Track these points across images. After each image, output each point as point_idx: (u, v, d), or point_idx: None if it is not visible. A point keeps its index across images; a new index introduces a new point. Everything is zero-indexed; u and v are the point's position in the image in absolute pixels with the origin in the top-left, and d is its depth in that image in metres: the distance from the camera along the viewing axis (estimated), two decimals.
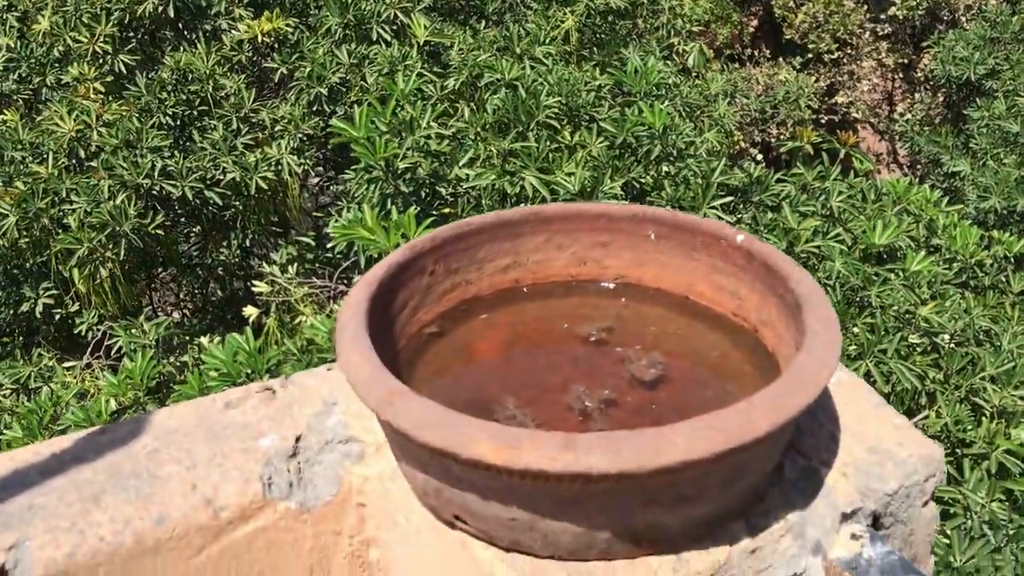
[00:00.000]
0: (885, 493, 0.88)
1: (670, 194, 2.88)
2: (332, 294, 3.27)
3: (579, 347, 0.97)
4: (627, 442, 0.73)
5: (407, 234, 2.44)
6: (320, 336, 2.45)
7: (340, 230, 2.51)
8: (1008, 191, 3.34)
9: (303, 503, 0.93)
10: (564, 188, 2.76)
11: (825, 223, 2.99)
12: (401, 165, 2.80)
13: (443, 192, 2.92)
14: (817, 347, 0.81)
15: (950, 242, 3.09)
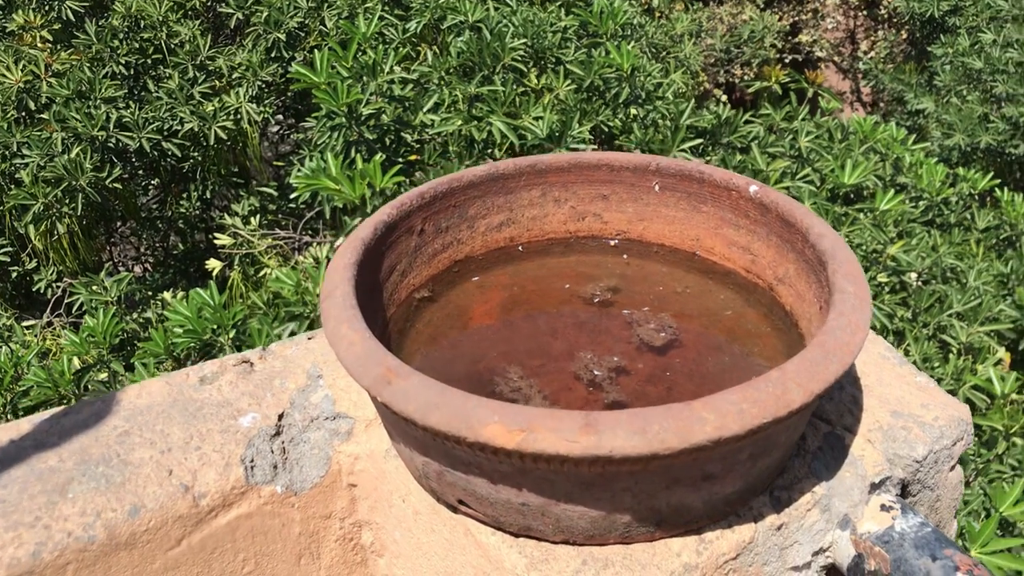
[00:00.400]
0: (914, 460, 0.81)
1: (639, 137, 2.78)
2: (296, 245, 3.16)
3: (583, 310, 0.89)
4: (653, 420, 0.64)
5: (373, 183, 2.34)
6: (286, 289, 2.35)
7: (303, 180, 2.40)
8: (972, 128, 3.28)
9: (289, 486, 0.84)
10: (532, 133, 2.66)
11: (794, 164, 2.92)
12: (364, 111, 2.68)
13: (408, 138, 2.81)
14: (848, 308, 0.73)
15: (916, 180, 3.04)
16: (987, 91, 3.35)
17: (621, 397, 0.79)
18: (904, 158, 3.09)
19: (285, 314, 2.39)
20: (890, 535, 0.76)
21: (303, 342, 0.96)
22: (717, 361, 0.83)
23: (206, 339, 2.26)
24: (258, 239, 3.05)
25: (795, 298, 0.84)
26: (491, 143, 2.78)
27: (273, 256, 3.08)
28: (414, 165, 2.77)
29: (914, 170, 3.08)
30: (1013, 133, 3.24)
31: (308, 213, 3.16)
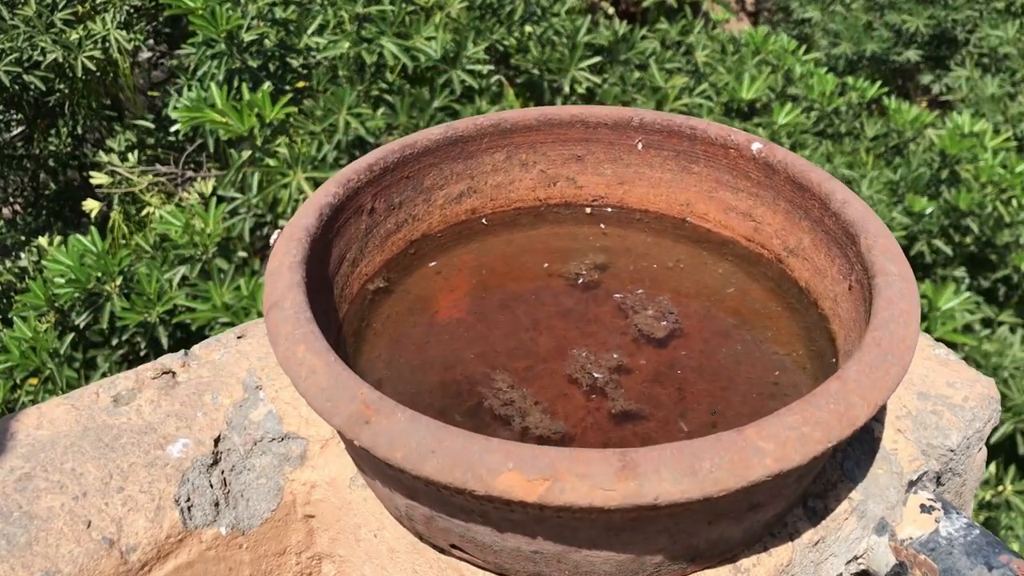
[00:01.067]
0: (949, 449, 0.70)
1: (536, 56, 2.61)
2: (179, 181, 2.90)
3: (566, 294, 0.74)
4: (703, 456, 0.51)
5: (262, 114, 2.13)
6: (174, 230, 2.13)
7: (185, 112, 2.16)
8: (857, 36, 3.22)
9: (235, 525, 0.68)
10: (425, 54, 2.47)
11: (691, 79, 2.81)
12: (246, 37, 2.43)
13: (294, 64, 2.58)
14: (896, 294, 0.61)
15: (808, 91, 2.96)
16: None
17: (630, 405, 0.65)
18: (795, 69, 3.00)
19: (175, 257, 2.18)
20: (936, 541, 0.66)
21: (232, 343, 0.79)
22: (728, 351, 0.70)
23: (91, 288, 2.04)
24: (138, 176, 2.78)
25: (812, 273, 0.71)
26: (383, 65, 2.57)
27: (156, 194, 2.82)
28: (303, 92, 2.55)
29: (805, 80, 3.00)
30: (896, 40, 3.18)
31: (190, 147, 2.89)
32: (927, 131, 2.85)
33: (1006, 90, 3.04)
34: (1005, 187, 2.60)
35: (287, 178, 2.12)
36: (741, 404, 0.66)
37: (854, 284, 0.66)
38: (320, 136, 2.29)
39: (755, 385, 0.67)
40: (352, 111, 2.29)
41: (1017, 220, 2.66)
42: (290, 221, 0.67)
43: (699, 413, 0.65)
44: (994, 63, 3.12)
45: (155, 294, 2.02)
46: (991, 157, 2.62)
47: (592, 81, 2.67)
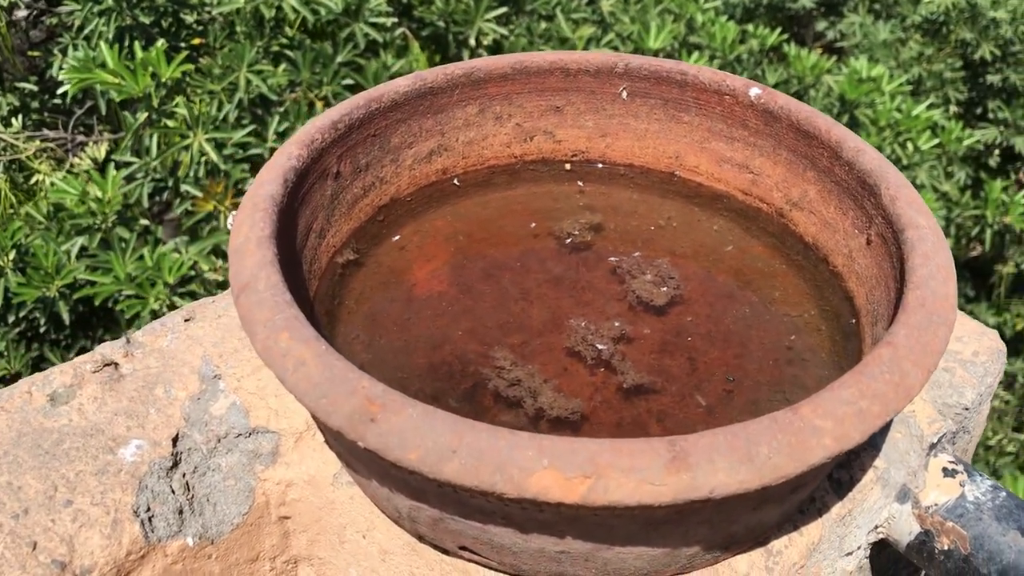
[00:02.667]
0: (964, 407, 0.66)
1: (440, 8, 2.50)
2: (70, 146, 2.70)
3: (553, 260, 0.67)
4: (759, 440, 0.45)
5: (157, 72, 1.98)
6: (69, 199, 1.97)
7: (73, 73, 1.99)
8: None
9: (203, 534, 0.59)
10: (326, 7, 2.33)
11: (598, 29, 2.74)
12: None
13: (189, 20, 2.41)
14: (931, 248, 0.55)
15: (710, 39, 2.93)
16: None
17: (641, 378, 0.59)
18: (697, 17, 2.96)
19: (71, 228, 2.02)
20: (963, 506, 0.61)
21: (180, 327, 0.68)
22: (736, 314, 0.63)
23: None
24: (23, 142, 2.58)
25: (820, 227, 0.65)
26: (282, 20, 2.43)
27: (44, 160, 2.62)
28: (199, 50, 2.39)
29: (707, 28, 2.96)
30: None
31: (79, 110, 2.69)
32: (826, 77, 2.85)
33: (897, 35, 3.06)
34: (901, 130, 2.62)
35: (187, 140, 1.98)
36: (758, 372, 0.60)
37: (874, 238, 0.60)
38: (220, 95, 2.14)
39: (770, 351, 0.61)
40: (252, 68, 2.15)
41: (913, 162, 2.68)
42: (251, 189, 0.57)
43: (714, 384, 0.59)
44: (885, 9, 3.14)
45: (53, 267, 1.86)
46: (888, 101, 2.63)
47: (499, 32, 2.57)
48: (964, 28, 2.91)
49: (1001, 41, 2.85)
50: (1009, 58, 2.90)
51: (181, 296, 1.80)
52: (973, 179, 3.09)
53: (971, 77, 3.02)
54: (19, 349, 2.12)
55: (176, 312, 0.70)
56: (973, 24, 2.90)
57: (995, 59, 2.91)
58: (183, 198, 1.90)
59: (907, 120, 2.62)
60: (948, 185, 2.91)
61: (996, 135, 2.96)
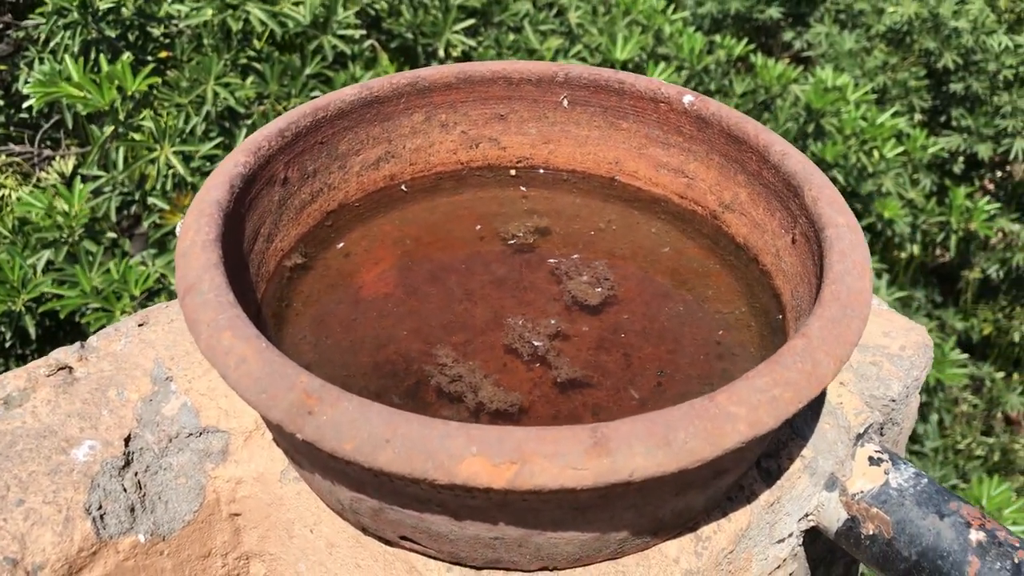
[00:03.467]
0: (891, 399, 0.69)
1: (409, 20, 2.53)
2: (36, 161, 2.71)
3: (497, 263, 0.69)
4: (676, 426, 0.48)
5: (123, 86, 2.00)
6: (36, 213, 1.98)
7: (39, 88, 2.00)
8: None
9: (154, 531, 0.61)
10: (294, 20, 2.36)
11: (566, 40, 2.78)
12: (102, 6, 2.27)
13: (156, 33, 2.43)
14: (847, 245, 0.58)
15: (677, 50, 2.97)
16: None
17: (576, 373, 0.61)
18: (664, 28, 3.01)
19: (37, 241, 2.03)
20: (887, 493, 0.64)
21: (133, 331, 0.71)
22: (670, 312, 0.66)
23: None
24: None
25: (750, 228, 0.69)
26: (250, 33, 2.45)
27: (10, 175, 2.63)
28: (166, 63, 2.41)
29: (674, 39, 3.01)
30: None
31: (45, 124, 2.70)
32: (792, 86, 2.90)
33: (862, 45, 3.12)
34: (867, 139, 2.67)
35: (155, 153, 1.99)
36: (689, 366, 0.63)
37: (798, 237, 0.63)
38: (187, 108, 2.16)
39: (701, 346, 0.64)
40: (220, 81, 2.16)
41: (879, 170, 2.73)
42: (198, 195, 0.60)
43: (648, 378, 0.62)
44: (850, 19, 3.20)
45: (19, 281, 1.87)
46: (854, 110, 2.68)
47: (467, 44, 2.60)
48: (927, 37, 2.97)
49: (963, 50, 2.92)
50: (971, 67, 2.97)
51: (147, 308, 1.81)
52: (938, 186, 3.14)
53: (935, 85, 3.08)
54: None
55: (130, 317, 0.72)
56: (936, 33, 2.96)
57: (957, 68, 2.97)
58: (151, 211, 1.91)
59: (872, 128, 2.67)
60: (914, 192, 2.96)
61: (960, 142, 3.02)
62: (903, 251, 3.12)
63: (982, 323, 3.21)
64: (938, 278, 3.45)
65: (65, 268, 1.88)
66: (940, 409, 2.94)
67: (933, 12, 2.96)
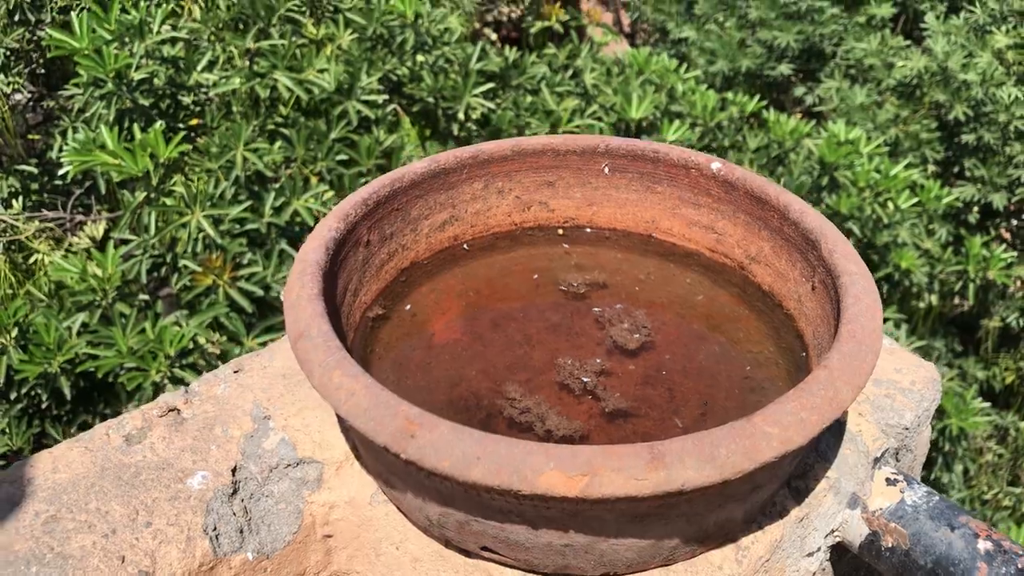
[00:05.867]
0: (904, 428, 0.80)
1: (430, 85, 2.68)
2: (68, 226, 2.85)
3: (550, 311, 0.81)
4: (720, 443, 0.59)
5: (156, 154, 2.13)
6: (71, 277, 2.11)
7: (75, 156, 2.15)
8: (732, 54, 3.40)
9: (260, 550, 0.73)
10: (319, 86, 2.50)
11: (581, 101, 2.92)
12: (136, 76, 2.43)
13: (186, 101, 2.58)
14: (861, 290, 0.70)
15: (690, 107, 3.11)
16: (742, 17, 3.47)
17: (622, 404, 0.73)
18: (677, 87, 3.16)
19: (72, 305, 2.15)
20: (903, 509, 0.75)
21: (230, 377, 0.83)
22: (707, 352, 0.78)
23: None
24: (23, 223, 2.73)
25: (776, 277, 0.80)
26: (277, 100, 2.60)
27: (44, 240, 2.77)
28: (196, 129, 2.55)
29: (687, 97, 3.15)
30: (769, 56, 3.38)
31: (78, 190, 2.85)
32: (805, 141, 3.03)
33: (873, 99, 3.26)
34: (881, 190, 2.78)
35: (186, 217, 2.12)
36: (726, 399, 0.74)
37: (818, 285, 0.75)
38: (217, 172, 2.29)
39: (735, 381, 0.75)
40: (249, 146, 2.30)
41: (894, 221, 2.84)
42: (299, 256, 0.72)
43: (690, 408, 0.73)
44: (860, 74, 3.35)
45: (55, 343, 1.98)
46: (867, 163, 2.79)
47: (486, 107, 2.75)
48: (937, 90, 3.11)
49: (973, 102, 3.05)
50: (982, 118, 3.09)
51: (182, 368, 1.93)
52: (954, 236, 3.25)
53: (947, 137, 3.21)
54: (21, 425, 2.22)
55: (226, 365, 0.84)
56: (945, 86, 3.10)
57: (968, 119, 3.10)
58: (181, 273, 2.03)
59: (886, 180, 2.78)
60: (930, 242, 3.06)
61: (974, 192, 3.14)
62: (921, 301, 3.21)
63: (1004, 372, 3.29)
64: (957, 327, 3.54)
65: (99, 330, 1.99)
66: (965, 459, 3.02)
67: (942, 66, 3.10)
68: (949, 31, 3.16)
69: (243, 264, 2.08)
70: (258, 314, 2.06)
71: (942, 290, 3.19)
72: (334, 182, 2.33)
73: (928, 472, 2.67)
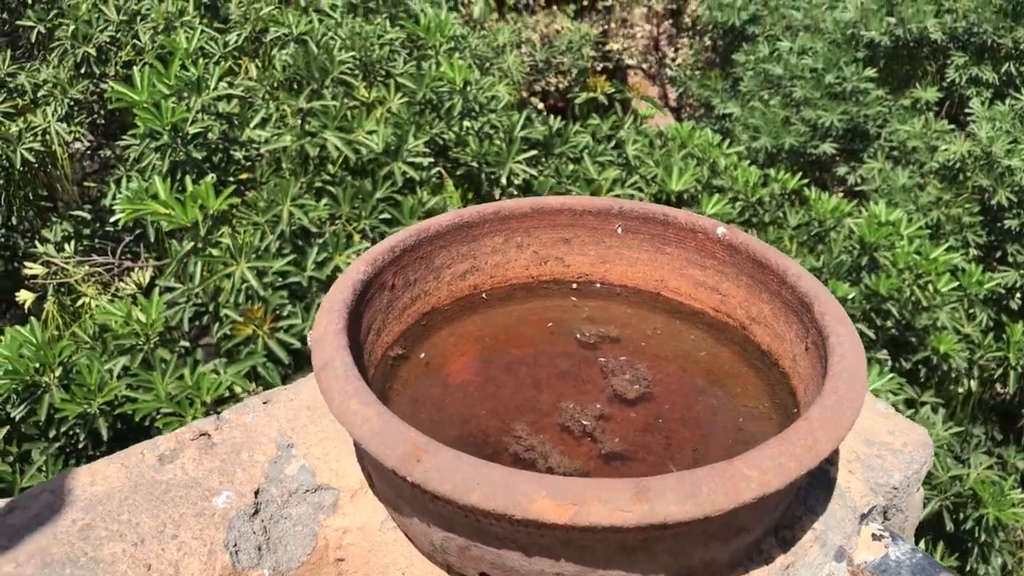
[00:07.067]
0: (892, 487, 0.85)
1: (475, 150, 2.78)
2: (116, 271, 2.97)
3: (561, 359, 0.88)
4: (702, 483, 0.64)
5: (206, 205, 2.24)
6: (115, 321, 2.20)
7: (128, 204, 2.25)
8: (775, 131, 3.48)
9: (276, 567, 0.79)
10: (367, 147, 2.61)
11: (623, 171, 3.01)
12: (191, 130, 2.55)
13: (238, 156, 2.70)
14: (847, 350, 0.75)
15: (732, 182, 3.18)
16: (787, 95, 3.56)
17: (626, 448, 0.79)
18: (719, 161, 3.23)
19: (115, 348, 2.24)
20: (887, 564, 0.79)
21: (259, 407, 0.90)
22: (705, 404, 0.84)
23: (29, 380, 2.09)
24: (74, 267, 2.85)
25: (773, 338, 0.86)
26: (325, 158, 2.71)
27: (92, 284, 2.88)
28: (246, 183, 2.67)
29: (729, 172, 3.22)
30: (812, 134, 3.45)
31: (127, 236, 2.97)
32: (846, 220, 3.07)
33: (916, 181, 3.30)
34: (921, 272, 2.80)
35: (230, 268, 2.21)
36: (719, 448, 0.80)
37: (810, 345, 0.81)
38: (264, 226, 2.38)
39: (730, 432, 0.81)
40: (295, 202, 2.39)
41: (933, 304, 2.86)
42: (327, 295, 0.79)
43: (684, 455, 0.79)
44: (903, 155, 3.40)
45: (96, 385, 2.06)
46: (907, 244, 2.83)
47: (529, 173, 2.83)
48: (980, 175, 3.15)
49: (1017, 188, 3.09)
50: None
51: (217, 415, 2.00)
52: (995, 321, 3.25)
53: (989, 221, 3.24)
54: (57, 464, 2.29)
55: (255, 396, 0.91)
56: (989, 171, 3.14)
57: (1012, 204, 3.13)
58: (223, 322, 2.11)
59: (927, 263, 2.80)
60: (970, 327, 3.07)
61: (1016, 278, 3.15)
62: (960, 386, 3.21)
63: None
64: (998, 415, 3.52)
65: (139, 374, 2.07)
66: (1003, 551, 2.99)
67: (986, 151, 3.14)
68: (994, 117, 3.21)
69: (283, 316, 2.16)
70: (294, 366, 2.13)
71: (982, 376, 3.18)
72: (376, 240, 2.41)
73: (963, 562, 2.67)
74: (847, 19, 3.55)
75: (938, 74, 3.57)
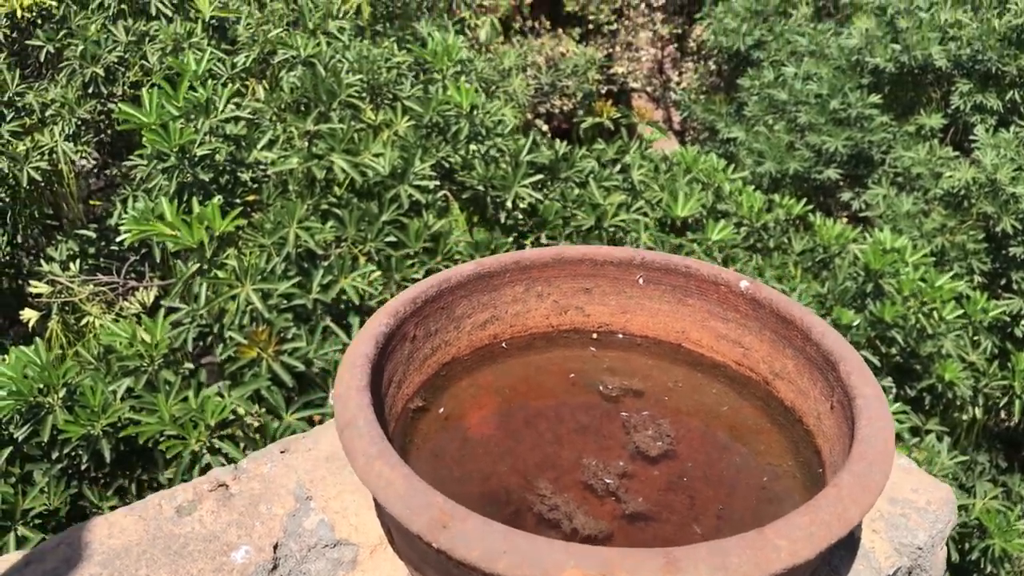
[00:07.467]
0: (917, 547, 0.84)
1: (481, 173, 2.78)
2: (121, 291, 2.95)
3: (581, 412, 0.87)
4: (731, 553, 0.63)
5: (212, 227, 2.23)
6: (120, 342, 2.19)
7: (134, 224, 2.24)
8: (780, 156, 3.48)
9: None
10: (374, 170, 2.60)
11: (628, 196, 3.00)
12: (199, 152, 2.54)
13: (245, 177, 2.69)
14: (875, 413, 0.75)
15: (737, 207, 3.18)
16: (792, 121, 3.56)
17: (649, 508, 0.78)
18: (724, 187, 3.22)
19: (119, 369, 2.22)
20: None
21: (277, 457, 0.89)
22: (729, 462, 0.83)
23: (32, 400, 2.08)
24: (78, 285, 2.84)
25: (796, 394, 0.85)
26: (332, 180, 2.71)
27: (96, 304, 2.87)
28: (252, 205, 2.66)
29: (734, 197, 3.22)
30: (817, 160, 3.45)
31: (132, 256, 2.96)
32: (851, 246, 3.07)
33: (920, 207, 3.30)
34: (926, 300, 2.79)
35: (236, 289, 2.19)
36: (743, 508, 0.79)
37: (836, 404, 0.80)
38: (270, 248, 2.37)
39: (754, 491, 0.80)
40: (301, 224, 2.38)
41: (938, 331, 2.85)
42: (350, 348, 0.78)
43: (708, 516, 0.78)
44: (908, 182, 3.40)
45: (99, 406, 2.04)
46: (912, 271, 2.82)
47: (534, 197, 2.82)
48: (985, 202, 3.15)
49: (1022, 215, 3.08)
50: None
51: (220, 439, 1.99)
52: (1000, 349, 3.24)
53: (994, 249, 3.23)
54: (59, 486, 2.27)
55: (273, 445, 0.90)
56: (994, 198, 3.14)
57: (1016, 232, 3.12)
58: (227, 344, 2.09)
59: (931, 290, 2.79)
60: (975, 355, 3.06)
61: (1021, 306, 3.14)
62: (965, 414, 3.20)
63: None
64: (1003, 443, 3.50)
65: (143, 395, 2.05)
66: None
67: (991, 178, 3.14)
68: (999, 144, 3.21)
69: (287, 339, 2.15)
70: (298, 389, 2.12)
71: (987, 404, 3.17)
72: (382, 263, 2.41)
73: None
74: (852, 45, 3.56)
75: (943, 101, 3.57)
